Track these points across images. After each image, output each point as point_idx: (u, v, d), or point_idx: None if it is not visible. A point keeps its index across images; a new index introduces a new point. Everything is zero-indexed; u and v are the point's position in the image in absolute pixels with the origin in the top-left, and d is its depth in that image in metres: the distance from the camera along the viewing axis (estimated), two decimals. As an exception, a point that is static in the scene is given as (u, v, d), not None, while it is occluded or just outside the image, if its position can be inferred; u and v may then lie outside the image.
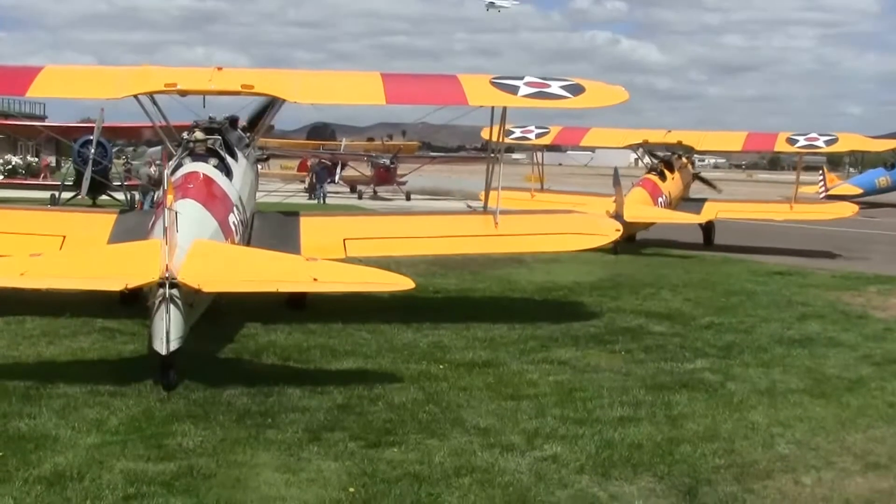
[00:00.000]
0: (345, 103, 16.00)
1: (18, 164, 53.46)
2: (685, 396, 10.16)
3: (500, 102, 14.44)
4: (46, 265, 10.65)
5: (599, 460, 8.11)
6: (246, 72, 15.16)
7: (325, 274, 10.63)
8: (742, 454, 8.44)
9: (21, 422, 8.56)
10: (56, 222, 14.25)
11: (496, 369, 11.12)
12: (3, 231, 13.57)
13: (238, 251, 11.75)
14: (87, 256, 11.37)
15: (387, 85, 14.18)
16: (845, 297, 17.55)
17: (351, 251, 13.63)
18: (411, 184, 51.15)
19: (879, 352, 12.83)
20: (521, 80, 14.57)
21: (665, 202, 26.84)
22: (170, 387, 9.69)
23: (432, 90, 15.07)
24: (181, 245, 10.16)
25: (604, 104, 15.32)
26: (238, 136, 15.41)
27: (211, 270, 10.16)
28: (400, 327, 13.30)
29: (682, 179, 28.70)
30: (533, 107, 14.83)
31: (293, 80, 14.73)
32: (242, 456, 7.93)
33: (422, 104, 15.68)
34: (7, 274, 10.42)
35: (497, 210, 14.83)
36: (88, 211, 19.76)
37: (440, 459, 7.97)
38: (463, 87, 14.36)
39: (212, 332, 12.37)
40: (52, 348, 11.48)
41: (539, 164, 29.42)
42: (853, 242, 29.79)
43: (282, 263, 11.05)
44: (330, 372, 10.69)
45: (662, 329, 13.91)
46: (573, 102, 14.55)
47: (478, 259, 21.41)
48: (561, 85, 14.65)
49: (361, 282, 10.83)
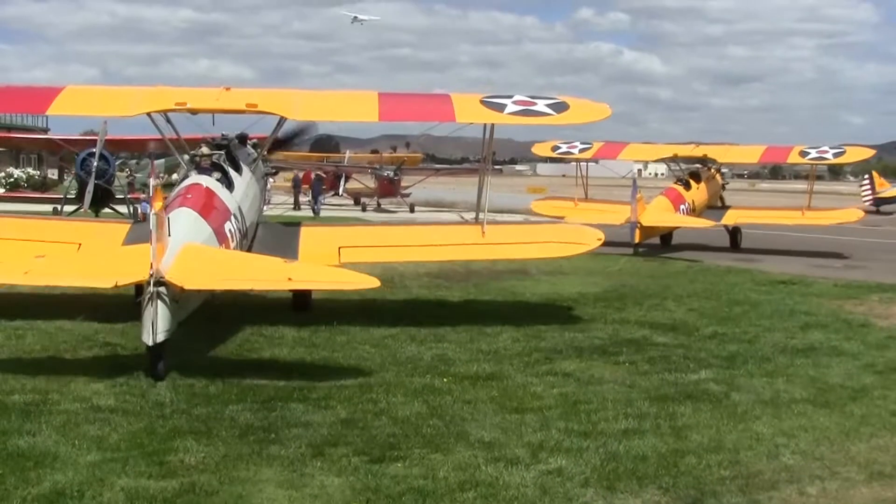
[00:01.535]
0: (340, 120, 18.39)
1: (20, 178, 53.55)
2: (689, 408, 10.12)
3: (488, 120, 15.59)
4: (48, 265, 11.94)
5: (604, 473, 8.07)
6: (251, 92, 16.20)
7: (298, 274, 11.92)
8: (747, 465, 8.40)
9: (20, 439, 8.51)
10: (73, 231, 15.41)
11: (500, 382, 11.08)
12: (24, 239, 14.77)
13: (223, 254, 12.63)
14: (84, 258, 12.92)
15: (381, 103, 15.42)
16: (848, 306, 17.53)
17: (345, 258, 14.60)
18: (415, 196, 51.19)
19: (882, 360, 12.81)
20: (509, 99, 15.70)
21: (688, 209, 29.46)
22: (158, 377, 10.55)
23: (423, 108, 16.39)
24: (172, 248, 11.18)
25: (586, 120, 16.32)
26: (247, 151, 16.50)
27: (194, 270, 11.14)
28: (403, 341, 13.27)
29: (709, 189, 31.14)
30: (518, 124, 15.66)
31: (294, 100, 15.92)
32: (245, 472, 7.89)
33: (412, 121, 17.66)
34: (13, 273, 11.87)
35: (485, 220, 15.90)
36: (104, 220, 21.71)
37: (444, 474, 7.93)
38: (453, 105, 15.49)
39: (214, 347, 12.40)
40: (53, 364, 11.43)
41: (584, 175, 31.83)
42: (855, 251, 29.86)
43: (260, 264, 12.39)
44: (333, 386, 10.65)
45: (666, 340, 13.88)
46: (557, 119, 15.58)
47: (481, 272, 21.44)
48: (546, 103, 15.72)
49: (331, 280, 12.10)
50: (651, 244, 28.50)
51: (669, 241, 29.87)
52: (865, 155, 34.56)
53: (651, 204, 28.46)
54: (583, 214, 28.13)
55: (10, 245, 14.53)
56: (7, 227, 15.52)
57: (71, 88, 15.62)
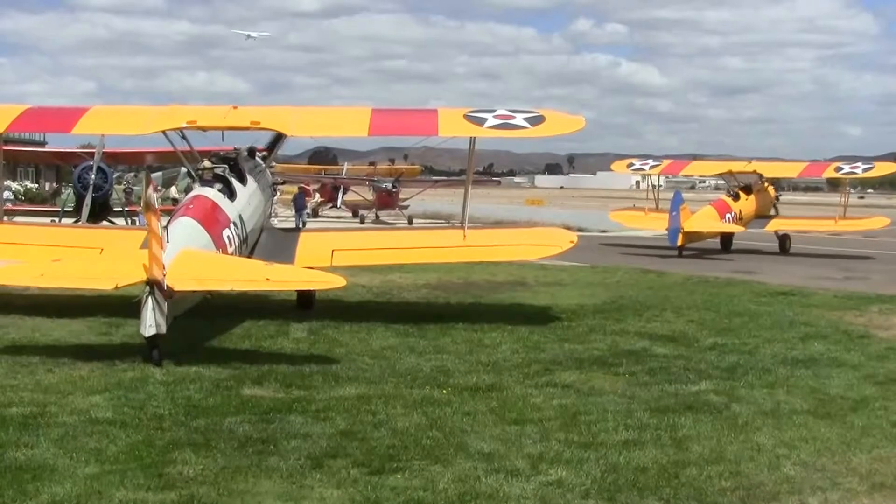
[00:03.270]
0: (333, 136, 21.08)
1: (17, 191, 53.47)
2: (690, 419, 10.09)
3: (468, 133, 16.69)
4: (60, 269, 13.51)
5: (605, 484, 8.03)
6: (256, 110, 17.73)
7: (276, 275, 13.37)
8: (748, 476, 8.37)
9: (18, 451, 8.47)
10: (96, 237, 17.12)
11: (500, 393, 11.05)
12: (52, 244, 16.19)
13: (214, 258, 13.81)
14: (91, 262, 14.27)
15: (373, 119, 16.78)
16: (847, 317, 17.52)
17: (337, 261, 16.00)
18: (413, 208, 51.18)
19: (882, 371, 12.79)
20: (490, 114, 16.75)
21: (734, 218, 33.26)
22: (155, 363, 11.85)
23: (409, 123, 18.00)
24: (170, 252, 12.57)
25: (561, 132, 17.57)
26: (254, 163, 17.81)
27: (185, 273, 12.47)
28: (403, 352, 13.25)
29: (759, 201, 34.66)
30: (497, 137, 16.80)
31: (291, 117, 17.56)
32: (244, 484, 7.85)
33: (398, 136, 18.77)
34: (31, 275, 13.69)
35: (465, 224, 17.41)
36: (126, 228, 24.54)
37: (444, 485, 7.89)
38: (438, 120, 16.73)
39: (213, 359, 12.37)
40: (51, 376, 11.39)
41: (655, 187, 35.61)
42: (854, 262, 29.89)
43: (244, 267, 14.02)
44: (332, 398, 10.62)
45: (666, 351, 13.85)
46: (533, 132, 16.66)
47: (480, 283, 21.45)
48: (524, 117, 16.77)
49: (303, 281, 14.15)
50: (705, 247, 32.01)
51: (729, 245, 33.19)
52: (891, 169, 38.04)
53: (698, 212, 32.31)
54: (652, 223, 33.50)
55: (38, 250, 15.83)
56: (36, 234, 17.68)
57: (95, 109, 17.31)
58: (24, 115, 17.53)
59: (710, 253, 31.87)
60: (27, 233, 18.21)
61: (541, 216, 42.15)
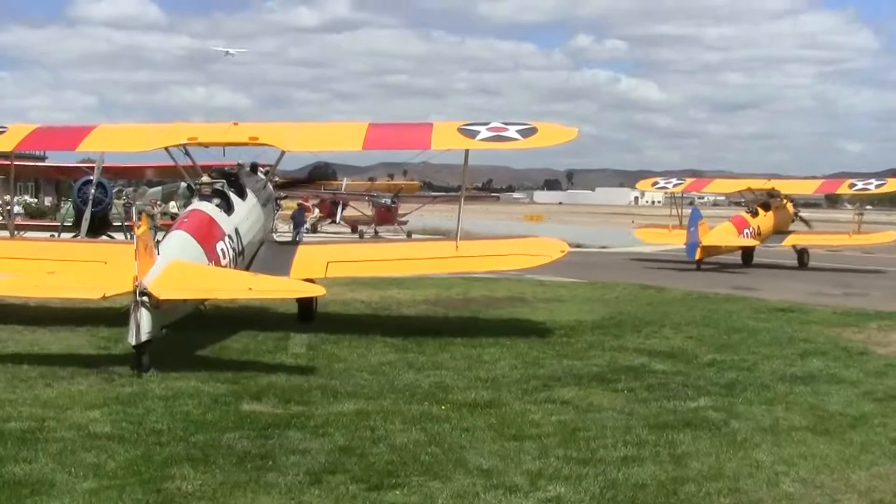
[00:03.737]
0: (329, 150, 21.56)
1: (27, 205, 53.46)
2: (689, 435, 10.07)
3: (461, 146, 16.84)
4: (53, 280, 14.17)
5: (604, 501, 8.02)
6: (255, 126, 18.23)
7: (258, 285, 13.86)
8: (747, 493, 8.35)
9: (17, 466, 8.46)
10: (99, 251, 17.20)
11: (498, 409, 11.04)
12: (56, 259, 16.44)
13: (199, 269, 14.00)
14: (81, 274, 14.77)
15: (368, 133, 17.04)
16: (846, 333, 17.50)
17: (331, 272, 16.48)
18: (412, 223, 51.21)
19: (881, 388, 12.76)
20: (483, 126, 16.92)
21: (752, 234, 34.54)
22: (143, 369, 12.15)
23: (403, 137, 18.08)
24: (159, 264, 12.93)
25: (553, 143, 17.50)
26: (255, 178, 18.19)
27: (170, 282, 12.69)
28: (401, 368, 13.25)
29: (777, 217, 35.75)
30: (489, 149, 16.97)
31: (288, 133, 17.89)
32: (243, 500, 7.85)
33: (393, 149, 18.70)
34: (27, 286, 14.37)
35: (458, 236, 17.46)
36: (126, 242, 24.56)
37: (443, 502, 7.88)
38: (432, 133, 16.93)
39: (212, 373, 12.36)
40: (50, 391, 11.39)
41: (678, 205, 36.86)
42: (853, 279, 29.90)
43: (229, 278, 14.34)
44: (331, 414, 10.61)
45: (665, 367, 13.84)
46: (524, 143, 16.78)
47: (478, 299, 21.46)
48: (517, 129, 16.90)
49: (284, 290, 14.61)
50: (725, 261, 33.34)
51: (750, 259, 34.62)
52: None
53: (716, 228, 33.78)
54: (676, 238, 34.36)
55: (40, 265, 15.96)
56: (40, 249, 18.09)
57: (102, 127, 17.88)
58: (33, 135, 18.13)
59: (730, 267, 32.89)
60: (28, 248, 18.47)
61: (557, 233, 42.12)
